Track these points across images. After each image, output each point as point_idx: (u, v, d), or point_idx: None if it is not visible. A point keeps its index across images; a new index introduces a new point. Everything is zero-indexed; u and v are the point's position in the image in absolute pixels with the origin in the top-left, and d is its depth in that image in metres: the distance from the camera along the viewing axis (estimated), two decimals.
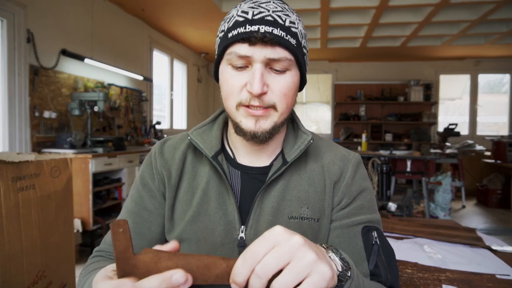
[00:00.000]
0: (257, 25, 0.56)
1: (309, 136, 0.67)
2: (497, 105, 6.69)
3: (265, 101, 0.59)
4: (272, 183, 0.65)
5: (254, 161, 0.69)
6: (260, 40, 0.55)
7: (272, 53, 0.56)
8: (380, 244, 0.63)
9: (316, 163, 0.69)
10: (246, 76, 0.59)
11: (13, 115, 2.66)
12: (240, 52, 0.57)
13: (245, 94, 0.59)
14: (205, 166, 0.69)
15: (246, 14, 0.58)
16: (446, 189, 4.08)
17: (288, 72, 0.59)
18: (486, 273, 0.90)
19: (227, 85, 0.60)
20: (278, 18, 0.57)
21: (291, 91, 0.61)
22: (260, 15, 0.57)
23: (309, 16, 4.42)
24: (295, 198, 0.65)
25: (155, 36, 4.87)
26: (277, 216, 0.64)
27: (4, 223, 1.21)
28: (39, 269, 1.36)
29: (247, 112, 0.60)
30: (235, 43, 0.58)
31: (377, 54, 6.22)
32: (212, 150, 0.66)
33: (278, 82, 0.59)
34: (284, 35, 0.56)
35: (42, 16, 2.87)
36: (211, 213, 0.65)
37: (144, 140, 4.37)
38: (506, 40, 5.18)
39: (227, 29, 0.60)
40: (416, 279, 0.86)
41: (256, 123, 0.60)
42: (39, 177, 1.39)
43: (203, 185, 0.66)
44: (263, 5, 0.58)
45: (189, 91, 6.07)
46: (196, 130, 0.70)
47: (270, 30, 0.55)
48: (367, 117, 6.70)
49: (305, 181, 0.67)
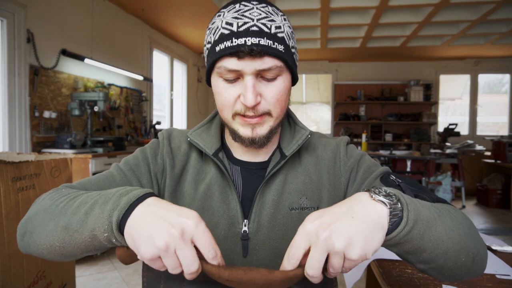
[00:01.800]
0: (243, 38, 0.55)
1: (307, 131, 0.70)
2: (497, 105, 6.69)
3: (260, 110, 0.60)
4: (272, 177, 0.67)
5: (253, 157, 0.71)
6: (248, 54, 0.55)
7: (261, 64, 0.57)
8: (403, 181, 0.63)
9: (310, 155, 0.72)
10: (238, 88, 0.59)
11: (13, 115, 2.66)
12: (230, 67, 0.57)
13: (239, 105, 0.60)
14: (208, 163, 0.70)
15: (231, 26, 0.57)
16: (446, 189, 4.08)
17: (279, 77, 0.60)
18: (486, 273, 0.90)
19: (221, 98, 0.61)
20: (264, 26, 0.57)
21: (284, 95, 0.62)
22: (245, 26, 0.56)
23: (309, 16, 4.42)
24: (294, 190, 0.67)
25: (155, 36, 4.87)
26: (278, 208, 0.66)
27: (4, 223, 1.21)
28: (39, 269, 1.36)
29: (243, 121, 0.61)
30: (224, 58, 0.57)
31: (377, 54, 6.22)
32: (212, 148, 0.68)
33: (270, 90, 0.60)
34: (271, 43, 0.56)
35: (42, 16, 2.87)
36: (214, 208, 0.66)
37: (144, 140, 4.37)
38: (506, 40, 5.18)
39: (213, 42, 0.59)
40: (416, 279, 0.86)
41: (253, 131, 0.62)
42: (39, 177, 1.39)
43: (207, 181, 0.68)
44: (247, 14, 0.57)
45: (189, 91, 6.07)
46: (195, 131, 0.71)
47: (257, 41, 0.55)
48: (367, 117, 6.70)
49: (301, 173, 0.69)
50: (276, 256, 0.65)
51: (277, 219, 0.66)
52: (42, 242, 0.51)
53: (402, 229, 0.45)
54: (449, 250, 0.49)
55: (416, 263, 0.51)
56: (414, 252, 0.49)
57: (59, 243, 0.50)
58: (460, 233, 0.51)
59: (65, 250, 0.50)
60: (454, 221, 0.52)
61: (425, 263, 0.51)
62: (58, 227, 0.49)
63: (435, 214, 0.50)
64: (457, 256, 0.50)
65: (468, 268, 0.52)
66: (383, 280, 0.94)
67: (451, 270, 0.51)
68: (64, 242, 0.49)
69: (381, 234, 0.44)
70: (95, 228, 0.47)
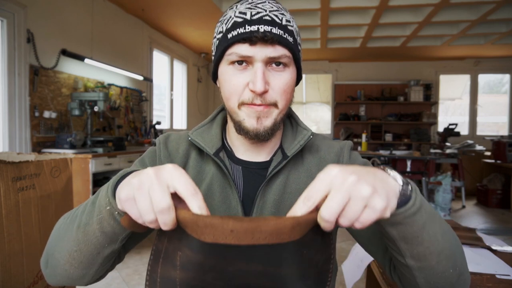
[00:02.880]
0: (256, 25, 0.58)
1: (309, 132, 0.70)
2: (497, 105, 6.69)
3: (267, 99, 0.61)
4: (273, 177, 0.67)
5: (254, 157, 0.71)
6: (260, 40, 0.57)
7: (272, 52, 0.58)
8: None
9: (312, 156, 0.72)
10: (248, 75, 0.61)
11: (13, 115, 2.66)
12: (241, 52, 0.59)
13: (247, 93, 0.61)
14: (209, 163, 0.70)
15: (244, 15, 0.59)
16: (446, 189, 4.08)
17: (287, 69, 0.62)
18: (486, 273, 0.90)
19: (229, 85, 0.62)
20: (276, 17, 0.59)
21: (290, 87, 0.63)
22: (258, 15, 0.59)
23: (309, 16, 4.42)
24: (295, 191, 0.67)
25: (155, 36, 4.87)
26: (279, 208, 0.66)
27: (4, 223, 1.21)
28: (39, 269, 1.36)
29: (249, 110, 0.62)
30: (236, 44, 0.59)
31: (377, 54, 6.22)
32: (213, 148, 0.68)
33: (279, 79, 0.61)
34: (282, 33, 0.59)
35: (42, 16, 2.87)
36: (215, 208, 0.66)
37: (144, 140, 4.37)
38: (506, 40, 5.18)
39: (225, 30, 0.61)
40: None
41: (258, 121, 0.62)
42: (39, 177, 1.39)
43: (207, 181, 0.68)
44: (260, 6, 0.60)
45: (189, 91, 6.07)
46: (196, 130, 0.72)
47: (270, 29, 0.57)
48: (367, 117, 6.70)
49: (303, 173, 0.69)
50: None
51: None
52: (62, 256, 0.53)
53: (410, 207, 0.45)
54: (443, 252, 0.50)
55: (408, 256, 0.50)
56: (412, 241, 0.48)
57: (76, 247, 0.52)
58: (451, 241, 0.52)
59: (82, 254, 0.52)
60: (448, 228, 0.53)
61: (418, 260, 0.50)
62: (72, 231, 0.52)
63: (435, 214, 0.51)
64: (447, 263, 0.51)
65: (453, 283, 0.52)
66: (383, 280, 0.94)
67: (438, 278, 0.52)
68: (79, 243, 0.51)
69: (395, 199, 0.44)
70: (100, 210, 0.49)
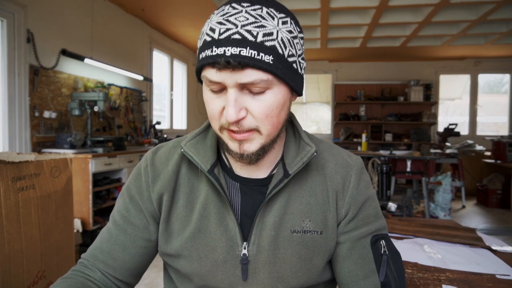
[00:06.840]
0: (223, 47, 0.50)
1: (312, 149, 0.62)
2: (497, 105, 6.69)
3: (245, 126, 0.54)
4: (274, 197, 0.62)
5: (253, 171, 0.65)
6: (225, 66, 0.50)
7: (242, 77, 0.51)
8: (388, 253, 0.63)
9: (318, 172, 0.66)
10: (223, 100, 0.54)
11: (13, 115, 2.66)
12: (211, 78, 0.53)
13: (224, 118, 0.55)
14: (202, 179, 0.65)
15: (213, 32, 0.52)
16: (446, 189, 4.08)
17: (269, 91, 0.54)
18: (486, 273, 0.90)
19: (208, 108, 0.58)
20: (248, 34, 0.50)
21: (275, 110, 0.55)
22: (226, 34, 0.50)
23: (309, 16, 4.42)
24: (297, 211, 0.63)
25: (155, 36, 4.87)
26: (279, 230, 0.62)
27: (4, 223, 1.21)
28: (39, 269, 1.36)
29: (230, 135, 0.56)
30: (205, 67, 0.53)
31: (377, 54, 6.22)
32: (208, 163, 0.62)
33: (257, 104, 0.53)
34: (255, 54, 0.49)
35: (42, 16, 2.87)
36: (211, 230, 0.62)
37: (144, 140, 4.37)
38: (506, 40, 5.18)
39: (199, 48, 0.55)
40: (416, 279, 0.86)
41: (240, 147, 0.57)
42: (39, 177, 1.39)
43: (202, 200, 0.64)
44: (232, 19, 0.51)
45: (189, 91, 6.07)
46: (190, 141, 0.65)
47: (238, 52, 0.49)
48: (367, 117, 6.70)
49: (307, 192, 0.64)
50: (277, 280, 0.62)
51: (278, 242, 0.62)
52: None
53: None
54: None
55: None
56: None
57: None
58: None
59: None
60: None
61: None
62: None
63: None
64: None
65: None
66: None
67: None
68: None
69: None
70: None
